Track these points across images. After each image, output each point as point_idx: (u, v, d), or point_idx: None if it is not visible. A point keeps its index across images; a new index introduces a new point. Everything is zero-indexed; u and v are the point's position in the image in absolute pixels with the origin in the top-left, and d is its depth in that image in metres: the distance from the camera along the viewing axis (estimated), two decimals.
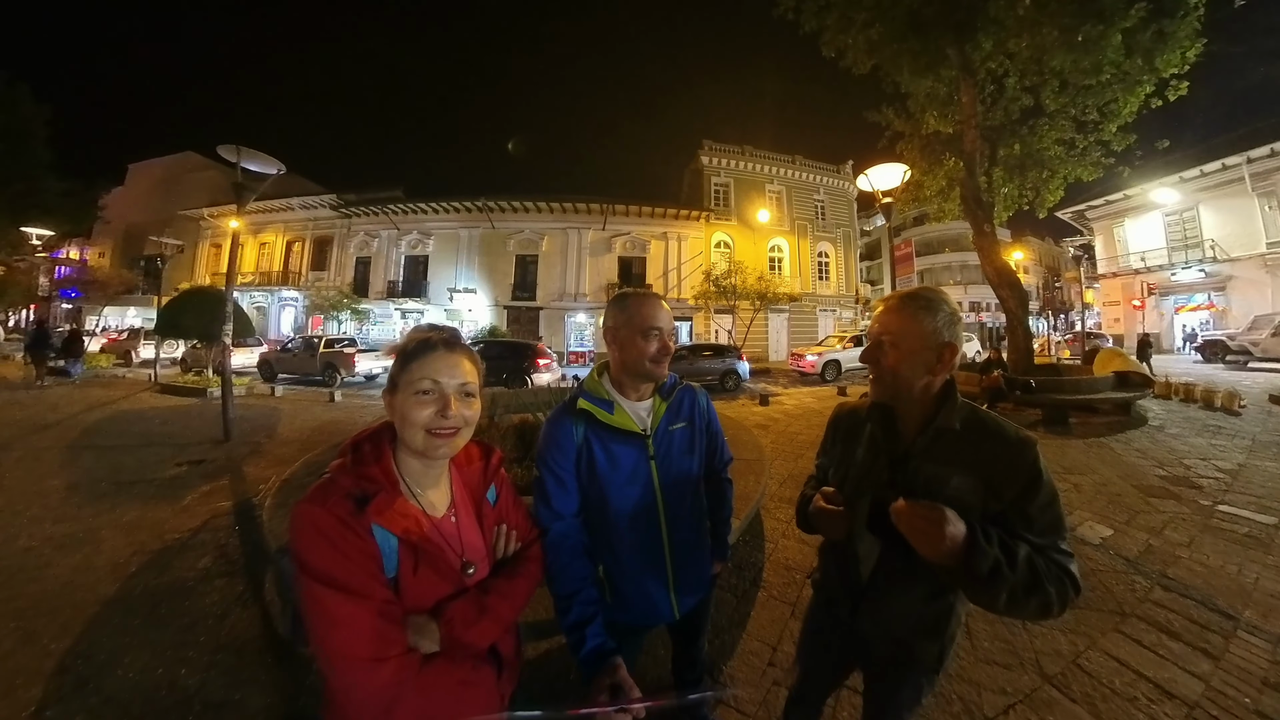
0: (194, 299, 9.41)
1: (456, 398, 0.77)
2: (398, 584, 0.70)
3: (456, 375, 0.78)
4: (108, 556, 2.81)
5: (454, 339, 0.82)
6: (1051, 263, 37.60)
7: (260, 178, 6.02)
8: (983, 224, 7.68)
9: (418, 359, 0.77)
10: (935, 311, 0.88)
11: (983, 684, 1.79)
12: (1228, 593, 2.42)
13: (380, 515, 0.69)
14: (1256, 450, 5.10)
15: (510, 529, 0.91)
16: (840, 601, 1.04)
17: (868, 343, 0.96)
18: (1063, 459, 4.87)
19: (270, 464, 4.75)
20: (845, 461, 1.03)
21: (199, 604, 2.34)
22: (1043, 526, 0.80)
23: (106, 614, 2.25)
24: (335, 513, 0.67)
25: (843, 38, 7.54)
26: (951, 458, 0.86)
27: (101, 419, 6.82)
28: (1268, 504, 3.62)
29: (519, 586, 0.85)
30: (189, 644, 2.03)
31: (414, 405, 0.75)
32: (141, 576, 2.60)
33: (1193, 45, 6.13)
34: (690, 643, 1.33)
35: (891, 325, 0.90)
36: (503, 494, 0.93)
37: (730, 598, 2.40)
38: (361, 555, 0.67)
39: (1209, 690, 1.75)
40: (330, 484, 0.71)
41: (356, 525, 0.67)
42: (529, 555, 0.92)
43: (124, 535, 3.10)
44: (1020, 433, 0.86)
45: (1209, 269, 17.03)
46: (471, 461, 0.90)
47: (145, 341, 16.26)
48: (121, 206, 27.20)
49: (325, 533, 0.66)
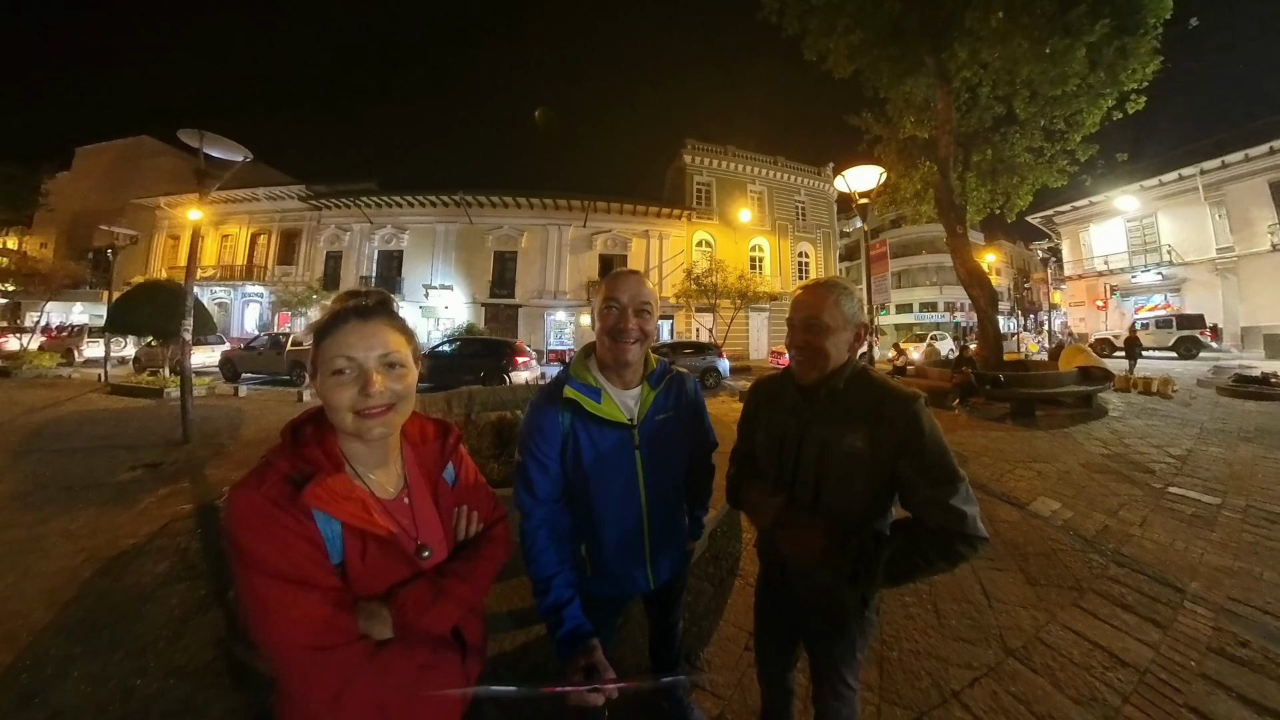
0: (148, 293, 8.87)
1: (378, 371, 0.70)
2: (345, 569, 0.66)
3: (375, 347, 0.71)
4: (57, 564, 2.61)
5: (369, 307, 0.74)
6: (1021, 265, 39.28)
7: (225, 165, 5.71)
8: (956, 226, 7.96)
9: (329, 335, 0.71)
10: (852, 297, 1.01)
11: (949, 659, 1.85)
12: (1176, 567, 2.58)
13: (318, 499, 0.64)
14: (1204, 437, 5.45)
15: (471, 509, 0.87)
16: (774, 564, 1.13)
17: (796, 324, 1.03)
18: (1030, 449, 5.08)
19: (233, 466, 4.52)
20: (772, 424, 1.10)
21: (157, 610, 2.19)
22: (936, 478, 0.87)
23: (56, 622, 2.09)
24: (270, 496, 0.63)
25: (825, 42, 7.71)
26: (842, 416, 0.97)
27: (46, 421, 6.36)
28: (1213, 486, 3.87)
29: (479, 568, 0.81)
30: (147, 651, 1.90)
31: (332, 388, 0.68)
32: (94, 583, 2.42)
33: (1151, 62, 6.52)
34: (665, 614, 1.34)
35: (819, 310, 0.99)
36: (462, 473, 0.89)
37: (708, 586, 2.41)
38: (300, 541, 0.63)
39: (1158, 657, 1.87)
40: (266, 467, 0.67)
41: (294, 509, 0.63)
42: (491, 536, 0.88)
43: (74, 542, 2.89)
44: (904, 390, 0.95)
45: (1166, 272, 18.10)
46: (427, 440, 0.85)
47: (89, 340, 15.33)
48: (68, 193, 25.49)
49: (260, 518, 0.62)
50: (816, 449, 0.98)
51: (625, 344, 1.02)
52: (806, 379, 1.03)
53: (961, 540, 0.84)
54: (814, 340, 0.99)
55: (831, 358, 0.99)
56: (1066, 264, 22.15)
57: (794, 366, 1.06)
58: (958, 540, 0.84)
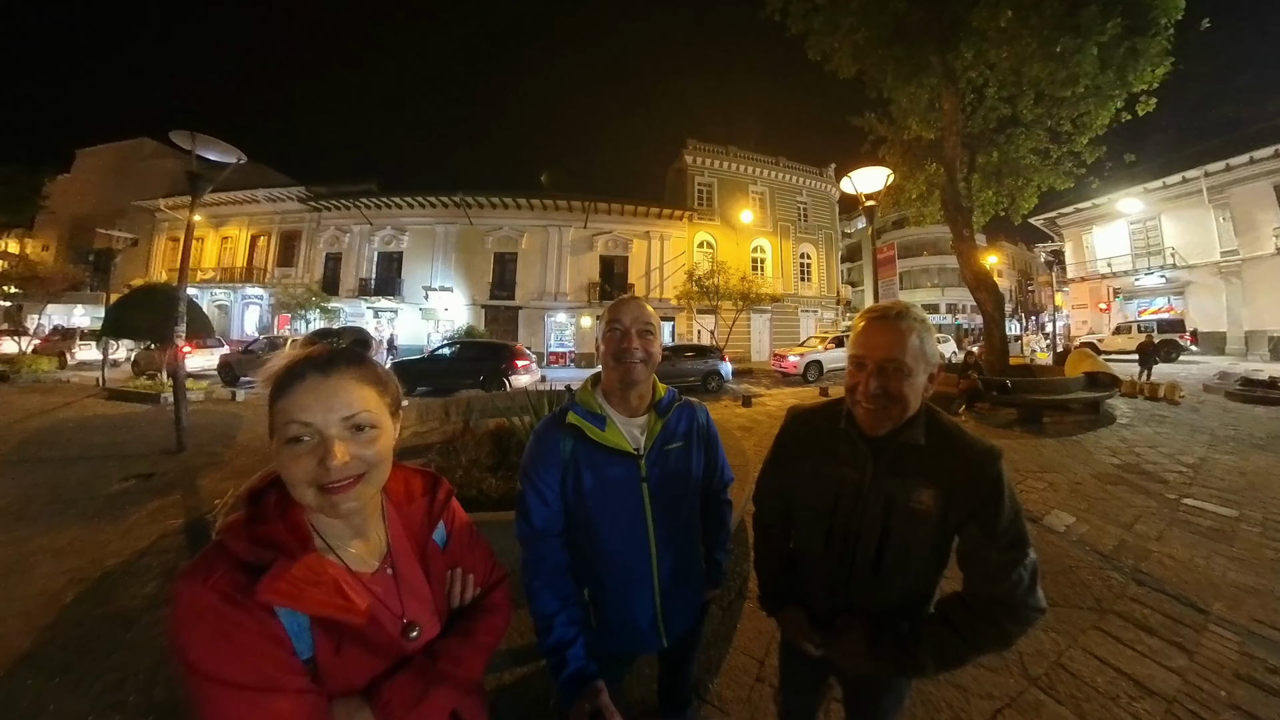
0: (145, 296, 8.79)
1: (341, 438, 0.59)
2: (316, 665, 0.56)
3: (336, 408, 0.59)
4: (40, 585, 2.52)
5: (329, 358, 0.62)
6: (1024, 267, 39.20)
7: (218, 167, 5.63)
8: (962, 229, 7.86)
9: (283, 395, 0.59)
10: (931, 332, 0.87)
11: (970, 689, 1.77)
12: (1197, 586, 2.50)
13: (277, 593, 0.54)
14: (1215, 444, 5.34)
15: (465, 573, 0.76)
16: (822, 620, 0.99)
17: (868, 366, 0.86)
18: (1039, 457, 4.99)
19: (228, 476, 4.42)
20: (824, 478, 0.95)
21: (142, 636, 2.10)
22: (1006, 544, 0.78)
23: (35, 650, 2.01)
24: (220, 590, 0.53)
25: (828, 41, 7.60)
26: (913, 471, 0.85)
27: (41, 428, 6.28)
28: (1228, 497, 3.77)
29: (477, 642, 0.71)
30: (126, 684, 1.81)
31: (288, 460, 0.57)
32: (77, 608, 2.33)
33: (1162, 63, 6.40)
34: (678, 669, 1.26)
35: (899, 350, 0.82)
36: (454, 533, 0.79)
37: (715, 610, 2.32)
38: (260, 640, 0.53)
39: (1185, 685, 1.79)
40: (217, 552, 0.56)
41: (249, 604, 0.53)
42: (488, 604, 0.78)
43: (59, 561, 2.80)
44: (987, 445, 0.84)
45: (1169, 275, 17.98)
46: (414, 498, 0.75)
47: (81, 343, 15.14)
48: (68, 196, 25.41)
49: (208, 616, 0.52)
50: (880, 508, 0.86)
51: (631, 364, 0.98)
52: (879, 430, 0.87)
53: (1020, 611, 0.76)
54: (892, 387, 0.83)
55: (910, 406, 0.84)
56: (1069, 266, 22.04)
57: (862, 416, 0.88)
58: (1018, 609, 0.76)
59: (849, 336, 0.93)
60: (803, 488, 1.00)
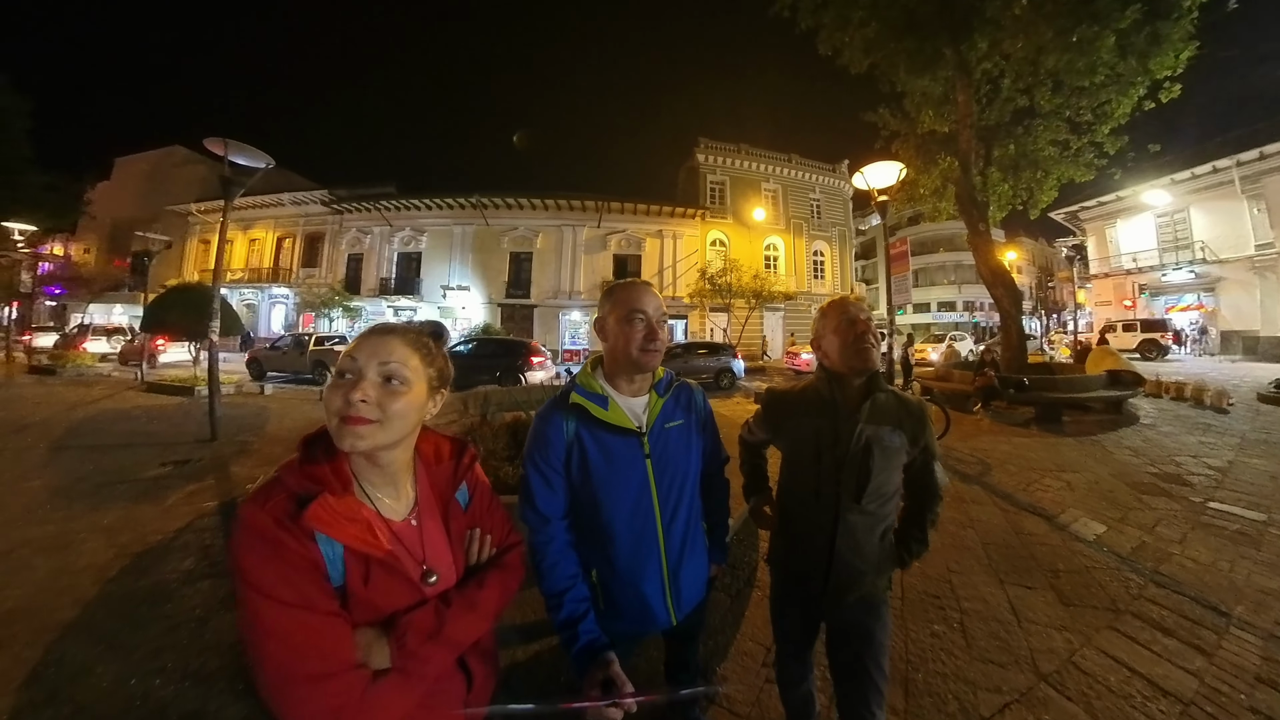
0: (180, 295, 9.26)
1: (372, 380, 0.68)
2: (346, 593, 0.64)
3: (378, 354, 0.69)
4: (87, 559, 2.71)
5: (396, 326, 0.75)
6: (1044, 263, 37.97)
7: (248, 172, 5.89)
8: (978, 224, 7.70)
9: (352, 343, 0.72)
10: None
11: (978, 683, 1.77)
12: (1219, 589, 2.42)
13: (319, 520, 0.62)
14: (1245, 447, 5.13)
15: (484, 533, 0.84)
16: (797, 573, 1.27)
17: (863, 333, 1.18)
18: (1057, 456, 4.88)
19: (258, 463, 4.65)
20: (804, 427, 1.23)
21: (180, 608, 2.26)
22: (933, 453, 1.23)
23: (83, 620, 2.17)
24: (274, 514, 0.62)
25: (839, 35, 7.53)
26: (881, 418, 1.16)
27: (84, 418, 6.66)
28: (1257, 500, 3.63)
29: (488, 595, 0.78)
30: (167, 650, 1.95)
31: (330, 390, 0.68)
32: (121, 580, 2.51)
33: (1186, 47, 6.14)
34: (685, 648, 1.30)
35: (868, 322, 1.20)
36: (476, 495, 0.86)
37: (724, 598, 2.35)
38: (301, 561, 0.61)
39: (1203, 687, 1.75)
40: (274, 483, 0.66)
41: (296, 529, 0.61)
42: (504, 563, 0.84)
43: (105, 537, 3.00)
44: (917, 399, 1.28)
45: (1199, 270, 17.17)
46: (442, 460, 0.83)
47: (92, 338, 16.41)
48: (108, 201, 26.61)
49: (262, 536, 0.60)
50: (863, 444, 1.14)
51: (655, 353, 1.03)
52: (871, 367, 1.17)
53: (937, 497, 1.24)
54: (875, 342, 1.20)
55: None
56: (1092, 262, 21.16)
57: (868, 353, 1.17)
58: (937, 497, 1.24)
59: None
60: (787, 439, 1.30)
